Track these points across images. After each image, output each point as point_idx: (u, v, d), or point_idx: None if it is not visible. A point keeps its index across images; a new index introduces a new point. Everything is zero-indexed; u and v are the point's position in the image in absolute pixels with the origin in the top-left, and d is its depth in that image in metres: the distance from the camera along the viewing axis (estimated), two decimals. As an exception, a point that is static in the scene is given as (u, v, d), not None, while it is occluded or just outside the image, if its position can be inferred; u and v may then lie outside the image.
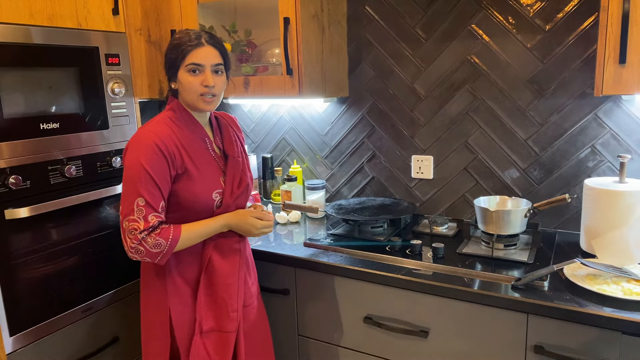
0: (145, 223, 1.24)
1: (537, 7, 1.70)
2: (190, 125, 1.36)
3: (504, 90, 1.81)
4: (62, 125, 1.62)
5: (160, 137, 1.27)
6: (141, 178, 1.23)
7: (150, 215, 1.24)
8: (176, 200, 1.32)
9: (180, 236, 1.28)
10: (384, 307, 1.53)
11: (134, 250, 1.25)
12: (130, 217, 1.23)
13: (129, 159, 1.27)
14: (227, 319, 1.38)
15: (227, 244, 1.41)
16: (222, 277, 1.38)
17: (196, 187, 1.32)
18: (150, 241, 1.24)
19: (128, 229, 1.24)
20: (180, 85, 1.33)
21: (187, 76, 1.31)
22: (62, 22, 1.60)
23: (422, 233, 1.79)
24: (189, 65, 1.29)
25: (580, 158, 1.73)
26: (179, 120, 1.35)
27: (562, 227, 1.79)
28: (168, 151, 1.27)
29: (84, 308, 1.72)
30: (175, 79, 1.34)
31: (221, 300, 1.38)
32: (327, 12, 1.91)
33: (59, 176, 1.62)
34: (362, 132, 2.12)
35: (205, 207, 1.35)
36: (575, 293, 1.29)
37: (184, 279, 1.38)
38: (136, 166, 1.24)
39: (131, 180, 1.24)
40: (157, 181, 1.25)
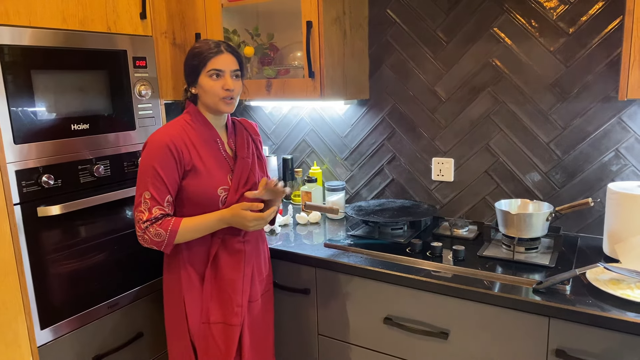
0: (149, 214, 1.38)
1: (560, 10, 1.70)
2: (204, 127, 1.48)
3: (526, 94, 1.80)
4: (92, 126, 1.67)
5: (170, 137, 1.40)
6: (149, 174, 1.37)
7: (154, 207, 1.38)
8: (185, 195, 1.44)
9: (179, 228, 1.39)
10: (404, 308, 1.54)
11: (140, 237, 1.40)
12: (138, 208, 1.39)
13: (142, 157, 1.42)
14: (232, 313, 1.48)
15: (231, 243, 1.49)
16: (227, 274, 1.48)
17: (203, 183, 1.43)
18: (152, 231, 1.38)
19: (136, 219, 1.40)
20: (202, 89, 1.44)
21: (208, 81, 1.42)
22: (93, 26, 1.65)
23: (443, 235, 1.80)
24: (211, 70, 1.41)
25: (603, 162, 1.71)
26: (193, 122, 1.47)
27: (584, 231, 1.78)
28: (177, 150, 1.39)
29: (110, 304, 1.76)
30: (196, 84, 1.45)
31: (227, 295, 1.48)
32: (349, 16, 1.93)
33: (88, 175, 1.67)
34: (382, 134, 2.14)
35: (210, 202, 1.44)
36: (598, 297, 1.29)
37: (195, 271, 1.49)
38: (146, 163, 1.39)
39: (141, 175, 1.39)
40: (164, 177, 1.38)
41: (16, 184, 1.47)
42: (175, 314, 1.51)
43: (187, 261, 1.48)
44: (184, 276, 1.48)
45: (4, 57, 1.42)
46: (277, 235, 1.93)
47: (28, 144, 1.49)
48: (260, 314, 1.59)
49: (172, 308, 1.52)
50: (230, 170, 1.49)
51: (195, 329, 1.48)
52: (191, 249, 1.48)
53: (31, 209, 1.51)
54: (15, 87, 1.45)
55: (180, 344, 1.51)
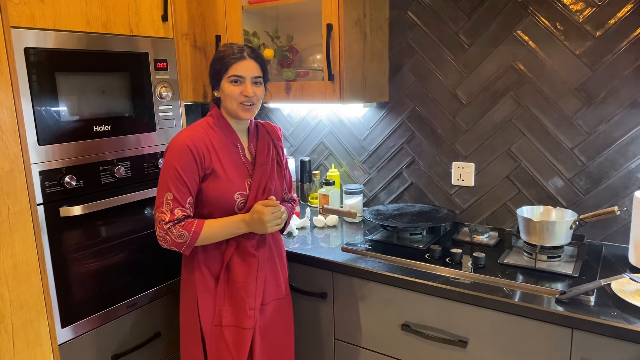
0: (171, 215, 1.39)
1: (587, 12, 1.66)
2: (225, 131, 1.49)
3: (550, 98, 1.76)
4: (113, 128, 1.69)
5: (192, 139, 1.41)
6: (171, 175, 1.39)
7: (176, 209, 1.39)
8: (203, 198, 1.45)
9: (202, 229, 1.40)
10: (422, 315, 1.52)
11: (161, 238, 1.41)
12: (160, 209, 1.40)
13: (165, 158, 1.43)
14: (245, 316, 1.47)
15: (245, 247, 1.49)
16: (241, 278, 1.48)
17: (220, 187, 1.44)
18: (174, 232, 1.39)
19: (157, 220, 1.41)
20: (223, 94, 1.46)
21: (229, 86, 1.44)
22: (116, 29, 1.67)
23: (462, 241, 1.77)
24: (231, 76, 1.43)
25: (630, 169, 1.67)
26: (215, 125, 1.49)
27: (609, 240, 1.73)
28: (198, 152, 1.40)
29: (129, 303, 1.78)
30: (218, 88, 1.47)
31: (240, 298, 1.48)
32: (369, 18, 1.92)
33: (109, 176, 1.69)
34: (402, 137, 2.12)
35: (227, 206, 1.45)
36: (623, 309, 1.25)
37: (210, 273, 1.49)
38: (169, 165, 1.40)
39: (164, 177, 1.41)
40: (186, 179, 1.39)
41: (40, 185, 1.49)
42: (189, 314, 1.52)
43: (203, 263, 1.49)
44: (198, 277, 1.49)
45: (29, 59, 1.44)
46: (295, 237, 1.92)
47: (52, 145, 1.51)
48: (274, 318, 1.57)
49: (187, 308, 1.53)
50: (249, 175, 1.49)
51: (207, 330, 1.49)
52: (207, 252, 1.49)
53: (54, 209, 1.53)
54: (40, 89, 1.48)
55: (192, 344, 1.51)
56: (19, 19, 1.42)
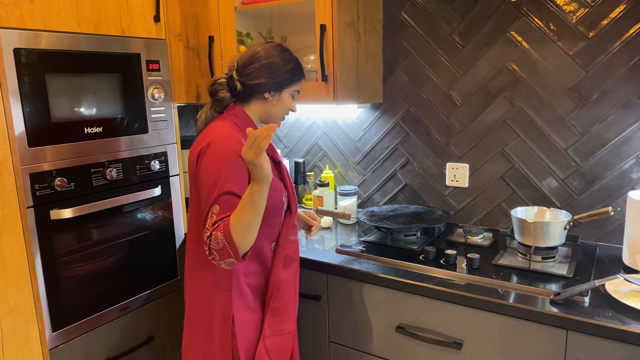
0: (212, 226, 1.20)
1: (580, 13, 1.66)
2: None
3: (544, 99, 1.76)
4: (105, 130, 1.67)
5: (239, 143, 1.25)
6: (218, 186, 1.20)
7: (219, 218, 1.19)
8: None
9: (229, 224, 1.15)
10: (416, 316, 1.51)
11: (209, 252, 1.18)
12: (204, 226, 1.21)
13: (213, 164, 1.22)
14: (290, 320, 1.43)
15: (290, 254, 1.42)
16: (286, 285, 1.41)
17: (271, 192, 1.24)
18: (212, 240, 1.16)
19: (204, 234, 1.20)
20: (280, 101, 1.38)
21: (289, 97, 1.39)
22: (107, 30, 1.66)
23: (457, 242, 1.76)
24: (297, 91, 1.41)
25: (624, 169, 1.67)
26: (244, 125, 1.35)
27: (603, 240, 1.73)
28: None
29: (121, 307, 1.76)
30: (277, 93, 1.36)
31: (285, 305, 1.41)
32: (363, 19, 1.91)
33: (101, 178, 1.67)
34: (396, 138, 2.11)
35: (277, 212, 1.34)
36: (618, 310, 1.25)
37: (249, 287, 1.36)
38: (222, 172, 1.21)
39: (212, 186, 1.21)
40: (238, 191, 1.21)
41: (30, 187, 1.47)
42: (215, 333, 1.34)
43: (241, 274, 1.33)
44: (235, 291, 1.32)
45: (19, 61, 1.42)
46: (289, 240, 1.91)
47: (42, 147, 1.50)
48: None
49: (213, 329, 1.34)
50: (278, 177, 1.41)
51: (244, 345, 1.34)
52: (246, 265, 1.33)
53: (44, 211, 1.52)
54: (30, 90, 1.46)
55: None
56: (8, 20, 1.40)
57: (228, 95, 1.35)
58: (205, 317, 1.35)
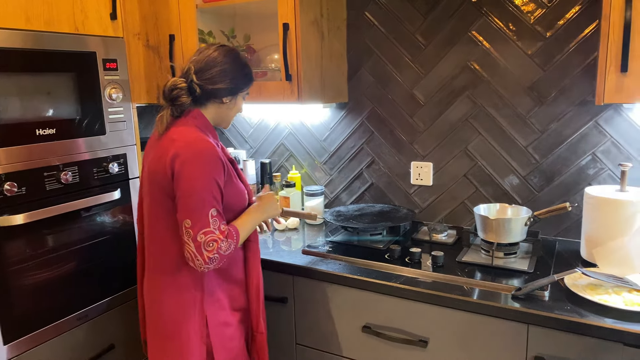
0: (222, 233, 1.25)
1: (537, 13, 1.69)
2: (213, 133, 1.39)
3: (504, 97, 1.80)
4: (59, 131, 1.60)
5: (216, 147, 1.29)
6: (212, 189, 1.25)
7: (222, 224, 1.26)
8: (225, 207, 1.31)
9: (239, 231, 1.31)
10: (382, 316, 1.51)
11: (210, 260, 1.23)
12: (206, 230, 1.22)
13: (197, 171, 1.24)
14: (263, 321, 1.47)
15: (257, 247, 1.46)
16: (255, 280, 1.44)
17: (239, 190, 1.37)
18: (223, 246, 1.25)
19: (205, 242, 1.22)
20: (234, 104, 1.41)
21: (241, 101, 1.44)
22: (59, 27, 1.59)
23: (422, 240, 1.77)
24: (247, 93, 1.44)
25: (581, 166, 1.72)
26: (204, 128, 1.35)
27: (562, 235, 1.78)
28: (223, 160, 1.29)
29: (79, 315, 1.69)
30: (233, 97, 1.39)
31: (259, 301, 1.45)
32: (326, 18, 1.90)
33: (55, 182, 1.60)
34: (361, 137, 2.11)
35: (244, 208, 1.40)
36: (576, 303, 1.28)
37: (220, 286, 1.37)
38: (206, 178, 1.24)
39: (202, 191, 1.23)
40: (222, 190, 1.28)
41: (-24, 193, 1.40)
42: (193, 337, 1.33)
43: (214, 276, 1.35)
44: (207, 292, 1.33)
45: (-38, 59, 1.35)
46: (254, 241, 1.88)
47: (-11, 150, 1.42)
48: None
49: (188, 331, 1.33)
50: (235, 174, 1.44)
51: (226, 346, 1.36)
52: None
53: (-7, 218, 1.44)
54: (-25, 90, 1.38)
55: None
56: (-51, 16, 1.32)
57: (189, 100, 1.34)
58: (175, 320, 1.33)
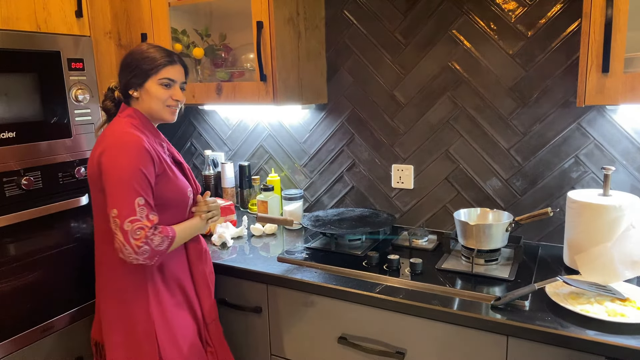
0: (149, 221, 1.25)
1: (519, 12, 1.64)
2: (152, 130, 1.40)
3: (486, 98, 1.74)
4: (19, 134, 1.53)
5: (143, 140, 1.30)
6: (137, 179, 1.25)
7: (150, 214, 1.26)
8: (160, 202, 1.33)
9: (176, 234, 1.32)
10: (359, 326, 1.45)
11: (140, 250, 1.22)
12: (132, 218, 1.23)
13: (119, 161, 1.26)
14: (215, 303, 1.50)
15: (196, 248, 1.47)
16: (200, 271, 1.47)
17: (175, 187, 1.37)
18: (156, 240, 1.25)
19: (133, 230, 1.23)
20: (147, 94, 1.37)
21: (158, 88, 1.36)
22: (19, 25, 1.51)
23: (402, 246, 1.72)
24: (163, 79, 1.36)
25: (564, 169, 1.67)
26: (140, 126, 1.37)
27: (545, 240, 1.73)
28: (152, 153, 1.30)
29: (43, 327, 1.62)
30: (139, 88, 1.36)
31: (210, 292, 1.49)
32: (303, 16, 1.84)
33: (15, 188, 1.52)
34: (342, 139, 2.05)
35: (183, 206, 1.40)
36: (557, 313, 1.23)
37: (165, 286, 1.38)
38: (131, 167, 1.25)
39: (127, 181, 1.25)
40: (150, 182, 1.29)
41: None
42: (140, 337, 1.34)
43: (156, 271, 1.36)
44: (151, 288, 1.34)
45: None
46: (229, 248, 1.81)
47: (-59, 155, 1.34)
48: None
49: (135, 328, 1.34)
50: (180, 172, 1.45)
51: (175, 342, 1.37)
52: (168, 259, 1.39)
53: (-54, 227, 1.36)
54: None
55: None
56: None
57: (112, 104, 1.43)
58: (123, 317, 1.35)
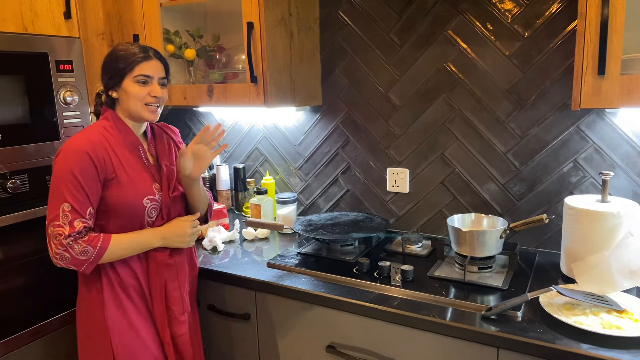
0: (71, 228, 1.23)
1: (515, 12, 1.60)
2: (124, 133, 1.37)
3: (482, 101, 1.70)
4: (5, 137, 1.51)
5: (90, 144, 1.27)
6: (67, 183, 1.24)
7: (76, 220, 1.24)
8: (107, 207, 1.31)
9: (109, 244, 1.28)
10: (348, 335, 1.41)
11: (58, 256, 1.24)
12: (55, 222, 1.23)
13: (57, 165, 1.26)
14: (178, 322, 1.42)
15: (157, 260, 1.39)
16: (161, 288, 1.40)
17: (126, 193, 1.32)
18: (77, 248, 1.23)
19: (53, 234, 1.23)
20: (125, 94, 1.34)
21: (134, 86, 1.33)
22: (4, 26, 1.49)
23: (395, 252, 1.68)
24: (138, 76, 1.33)
25: (562, 173, 1.62)
26: (112, 128, 1.36)
27: (543, 246, 1.68)
28: (97, 157, 1.27)
29: (31, 332, 1.60)
30: (118, 88, 1.35)
31: (168, 309, 1.41)
32: (296, 17, 1.80)
33: (1, 191, 1.51)
34: (337, 142, 2.02)
35: (136, 213, 1.34)
36: (551, 325, 1.18)
37: (124, 293, 1.36)
38: (64, 171, 1.24)
39: (57, 185, 1.25)
40: (85, 187, 1.25)
41: None
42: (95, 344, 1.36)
43: (114, 280, 1.34)
44: (107, 296, 1.34)
45: None
46: (220, 253, 1.78)
47: None
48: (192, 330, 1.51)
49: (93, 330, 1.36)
50: (155, 179, 1.40)
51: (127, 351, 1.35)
52: (116, 269, 1.34)
53: None
54: None
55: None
56: None
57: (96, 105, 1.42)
58: (84, 320, 1.38)
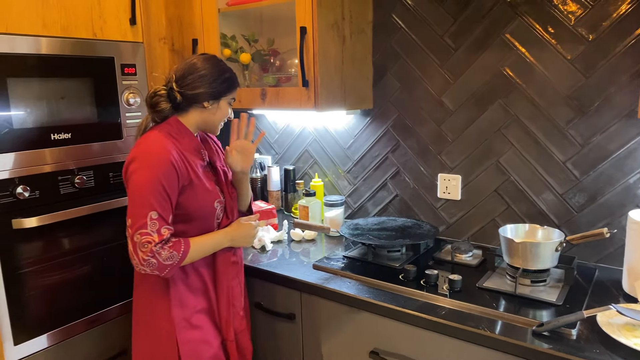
0: (159, 236, 1.26)
1: (579, 14, 1.52)
2: (189, 138, 1.40)
3: (541, 107, 1.63)
4: (74, 136, 1.62)
5: (171, 151, 1.30)
6: (155, 192, 1.26)
7: (162, 227, 1.27)
8: (185, 212, 1.34)
9: (190, 249, 1.31)
10: (392, 342, 1.40)
11: (146, 263, 1.25)
12: (142, 231, 1.25)
13: (142, 173, 1.27)
14: (239, 318, 1.48)
15: (227, 257, 1.45)
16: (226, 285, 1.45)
17: (201, 197, 1.36)
18: (164, 254, 1.26)
19: (141, 242, 1.25)
20: (217, 109, 1.41)
21: (227, 106, 1.43)
22: (77, 33, 1.60)
23: (443, 260, 1.64)
24: (233, 99, 1.43)
25: (627, 185, 1.52)
26: (178, 134, 1.38)
27: (604, 262, 1.58)
28: (179, 166, 1.30)
29: (90, 319, 1.70)
30: (215, 102, 1.39)
31: (232, 306, 1.46)
32: (349, 21, 1.81)
33: (70, 186, 1.61)
34: (386, 146, 2.00)
35: (208, 216, 1.39)
36: (608, 347, 1.11)
37: (190, 292, 1.40)
38: (151, 180, 1.26)
39: (145, 194, 1.26)
40: (170, 195, 1.28)
41: (-11, 196, 1.43)
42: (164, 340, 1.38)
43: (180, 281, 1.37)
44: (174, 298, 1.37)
45: (-22, 65, 1.38)
46: (269, 252, 1.82)
47: (2, 154, 1.44)
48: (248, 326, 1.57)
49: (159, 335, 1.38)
50: (215, 181, 1.44)
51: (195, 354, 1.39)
52: (184, 269, 1.38)
53: (5, 221, 1.46)
54: (-10, 95, 1.41)
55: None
56: (-34, 23, 1.36)
57: (169, 106, 1.36)
58: (149, 324, 1.39)
